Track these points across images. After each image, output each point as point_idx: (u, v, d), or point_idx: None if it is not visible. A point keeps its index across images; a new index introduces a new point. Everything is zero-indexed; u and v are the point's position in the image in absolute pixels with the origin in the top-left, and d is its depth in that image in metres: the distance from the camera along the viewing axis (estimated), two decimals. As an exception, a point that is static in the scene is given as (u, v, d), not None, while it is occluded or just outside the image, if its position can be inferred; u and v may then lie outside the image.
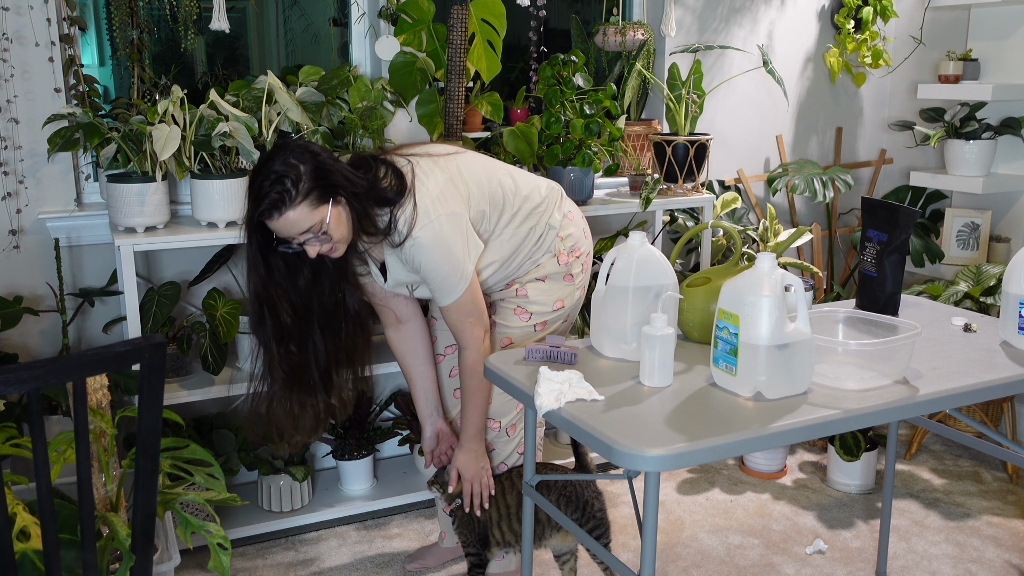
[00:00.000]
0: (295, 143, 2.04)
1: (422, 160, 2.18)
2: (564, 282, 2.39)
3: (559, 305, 2.39)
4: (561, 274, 2.39)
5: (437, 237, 2.10)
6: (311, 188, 1.96)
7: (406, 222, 2.09)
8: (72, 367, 1.37)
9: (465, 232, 2.16)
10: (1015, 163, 3.50)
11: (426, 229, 2.09)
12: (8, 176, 2.66)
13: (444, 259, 2.13)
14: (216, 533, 1.87)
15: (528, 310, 2.37)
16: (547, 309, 2.38)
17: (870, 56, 3.59)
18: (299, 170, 1.96)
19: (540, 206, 2.34)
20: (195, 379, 2.75)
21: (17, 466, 2.74)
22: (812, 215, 3.88)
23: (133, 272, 2.48)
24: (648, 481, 1.55)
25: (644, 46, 3.28)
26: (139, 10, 2.78)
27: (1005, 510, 3.02)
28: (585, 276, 2.44)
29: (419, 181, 2.13)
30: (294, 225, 1.97)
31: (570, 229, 2.41)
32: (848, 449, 3.06)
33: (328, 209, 1.99)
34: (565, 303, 2.40)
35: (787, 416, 1.63)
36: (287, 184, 1.94)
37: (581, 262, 2.42)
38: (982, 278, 3.18)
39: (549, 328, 2.39)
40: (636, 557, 2.72)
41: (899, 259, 2.18)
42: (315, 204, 1.97)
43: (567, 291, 2.40)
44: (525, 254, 2.34)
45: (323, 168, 2.00)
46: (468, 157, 2.29)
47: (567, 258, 2.39)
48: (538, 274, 2.37)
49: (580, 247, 2.42)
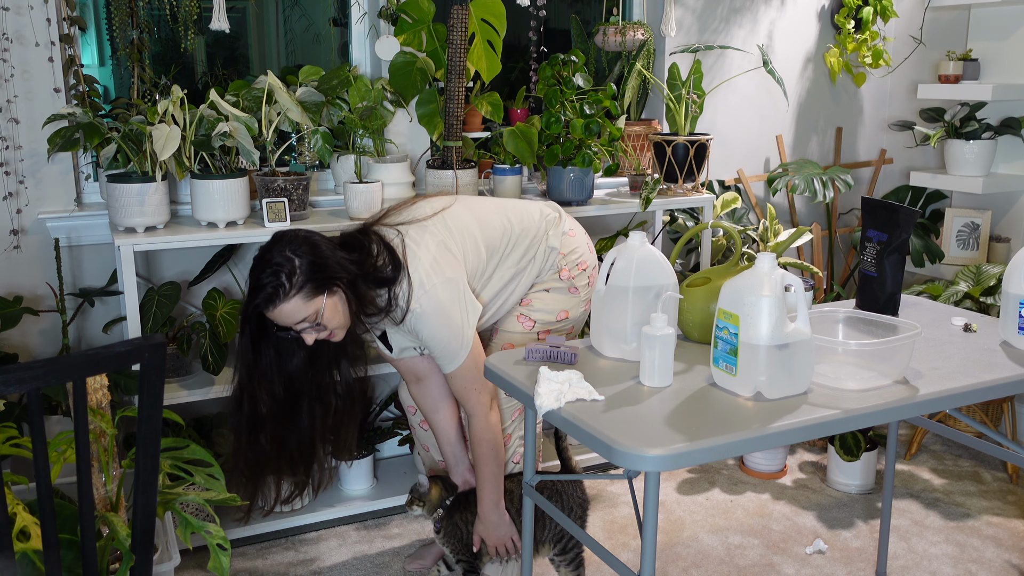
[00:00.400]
0: (294, 234, 2.06)
1: (411, 229, 2.19)
2: (569, 294, 2.42)
3: (563, 316, 2.42)
4: (565, 287, 2.42)
5: (434, 306, 2.13)
6: (305, 281, 2.00)
7: (404, 298, 2.12)
8: (72, 367, 1.37)
9: (462, 297, 2.17)
10: (1015, 163, 3.50)
11: (423, 300, 2.12)
12: (8, 176, 2.66)
13: (443, 327, 2.15)
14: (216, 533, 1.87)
15: (531, 318, 2.39)
16: (551, 318, 2.40)
17: (870, 56, 3.59)
18: (294, 264, 1.99)
19: (538, 235, 2.37)
20: (195, 379, 2.75)
21: (17, 466, 2.74)
22: (812, 215, 3.88)
23: (133, 272, 2.48)
24: (648, 481, 1.55)
25: (644, 46, 3.27)
26: (139, 10, 2.78)
27: (1005, 510, 3.02)
28: (590, 290, 2.45)
29: (410, 252, 2.15)
30: (289, 316, 2.01)
31: (573, 245, 2.43)
32: (848, 449, 3.06)
33: (323, 300, 2.02)
34: (569, 314, 2.42)
35: (787, 416, 1.63)
36: (282, 278, 1.98)
37: (587, 275, 2.44)
38: (982, 278, 3.18)
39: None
40: (636, 557, 2.72)
41: (899, 259, 2.18)
42: (310, 296, 2.00)
43: (571, 303, 2.42)
44: (527, 280, 2.37)
45: (318, 261, 2.02)
46: (456, 211, 2.29)
47: (569, 272, 2.41)
48: (542, 287, 2.41)
49: (585, 261, 2.45)
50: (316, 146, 2.74)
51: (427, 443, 2.61)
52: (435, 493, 2.40)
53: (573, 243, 2.43)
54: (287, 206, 2.63)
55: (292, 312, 2.00)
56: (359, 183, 2.71)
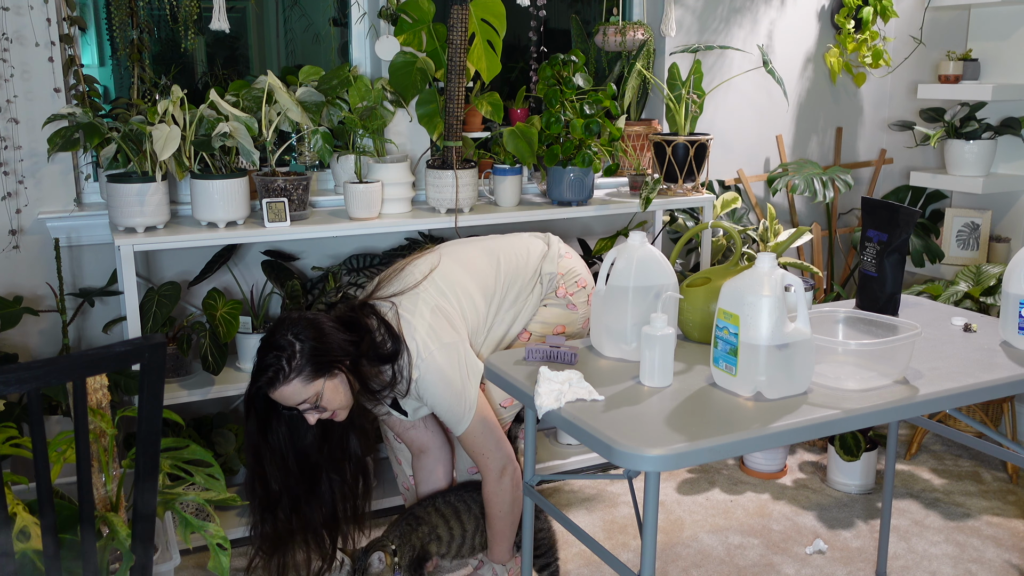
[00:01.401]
0: (299, 317, 2.10)
1: (403, 299, 2.22)
2: (567, 310, 2.46)
3: (560, 330, 2.45)
4: (563, 303, 2.45)
5: (434, 372, 2.16)
6: (305, 365, 2.04)
7: (407, 369, 2.16)
8: (72, 367, 1.37)
9: (462, 360, 2.20)
10: (1015, 163, 3.50)
11: (422, 367, 2.16)
12: (8, 176, 2.66)
13: (445, 391, 2.18)
14: (216, 533, 1.87)
15: (528, 329, 2.43)
16: (547, 331, 2.44)
17: (870, 56, 3.59)
18: (295, 348, 2.04)
19: (529, 271, 2.41)
20: (195, 379, 2.75)
21: (17, 466, 2.74)
22: (812, 215, 3.88)
23: (133, 272, 2.48)
24: (648, 481, 1.55)
25: (644, 46, 3.27)
26: (139, 10, 2.78)
27: (1005, 510, 3.02)
28: (588, 309, 2.48)
29: (405, 323, 2.18)
30: (290, 398, 2.05)
31: (569, 266, 2.48)
32: (848, 449, 3.06)
33: (323, 383, 2.06)
34: (566, 329, 2.46)
35: (787, 416, 1.63)
36: (283, 361, 2.03)
37: (586, 293, 2.48)
38: (982, 278, 3.18)
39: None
40: (636, 557, 2.72)
41: (899, 259, 2.18)
42: (309, 379, 2.04)
43: (569, 318, 2.46)
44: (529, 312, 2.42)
45: (320, 347, 2.06)
46: (444, 269, 2.30)
47: (566, 290, 2.45)
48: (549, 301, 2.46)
49: (583, 279, 2.49)
50: (316, 146, 2.74)
51: (400, 457, 2.63)
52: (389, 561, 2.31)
53: (569, 264, 2.48)
54: (287, 206, 2.63)
55: (293, 394, 2.04)
56: (359, 183, 2.71)
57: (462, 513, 2.40)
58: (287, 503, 2.18)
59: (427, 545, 2.37)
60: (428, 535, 2.37)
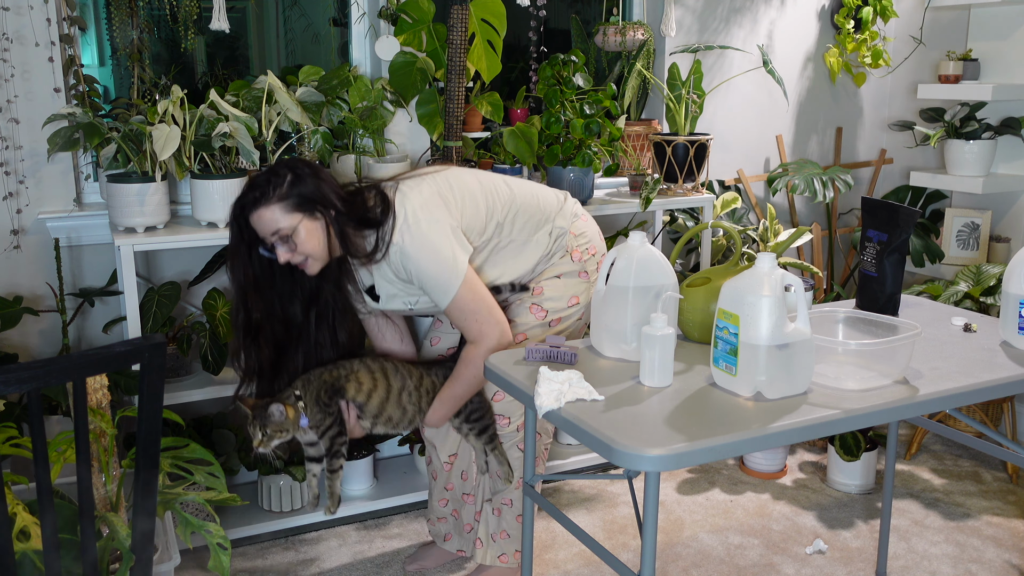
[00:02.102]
0: (305, 159, 2.15)
1: (408, 180, 2.24)
2: (579, 279, 2.42)
3: (574, 302, 2.41)
4: (576, 271, 2.41)
5: (420, 239, 2.14)
6: (289, 195, 2.08)
7: (388, 234, 2.15)
8: (72, 367, 1.37)
9: (450, 234, 2.18)
10: (1015, 163, 3.50)
11: (407, 234, 2.14)
12: (8, 176, 2.66)
13: (431, 258, 2.15)
14: (216, 533, 1.87)
15: (544, 307, 2.39)
16: (562, 305, 2.40)
17: (870, 56, 3.59)
18: (287, 177, 2.09)
19: (543, 212, 2.37)
20: (195, 379, 2.75)
21: (17, 466, 2.74)
22: (812, 215, 3.88)
23: (133, 272, 2.48)
24: (648, 481, 1.54)
25: (644, 46, 3.27)
26: (139, 10, 2.78)
27: (1005, 510, 3.02)
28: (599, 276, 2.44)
29: (401, 195, 2.18)
30: (266, 224, 2.08)
31: (583, 228, 2.44)
32: (848, 449, 3.06)
33: (301, 220, 2.08)
34: (580, 300, 2.42)
35: (787, 416, 1.63)
36: (270, 185, 2.08)
37: (596, 260, 2.44)
38: (982, 278, 3.18)
39: (564, 324, 2.41)
40: (636, 557, 2.72)
41: (899, 259, 2.18)
42: (290, 210, 2.08)
43: (581, 288, 2.42)
44: (533, 256, 2.36)
45: (311, 184, 2.10)
46: (457, 170, 2.32)
47: (581, 255, 2.41)
48: (553, 273, 2.40)
49: (595, 246, 2.45)
50: (316, 146, 2.74)
51: (435, 440, 2.61)
52: (291, 413, 2.21)
53: (584, 226, 2.44)
54: (287, 206, 2.63)
55: (270, 220, 2.07)
56: (359, 183, 2.71)
57: (390, 373, 2.29)
58: (268, 337, 2.23)
59: (342, 383, 2.25)
60: (345, 377, 2.26)
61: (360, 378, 2.26)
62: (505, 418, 2.43)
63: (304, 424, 2.21)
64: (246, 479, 3.03)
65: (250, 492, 2.95)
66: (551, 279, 2.40)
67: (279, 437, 2.18)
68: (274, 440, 2.18)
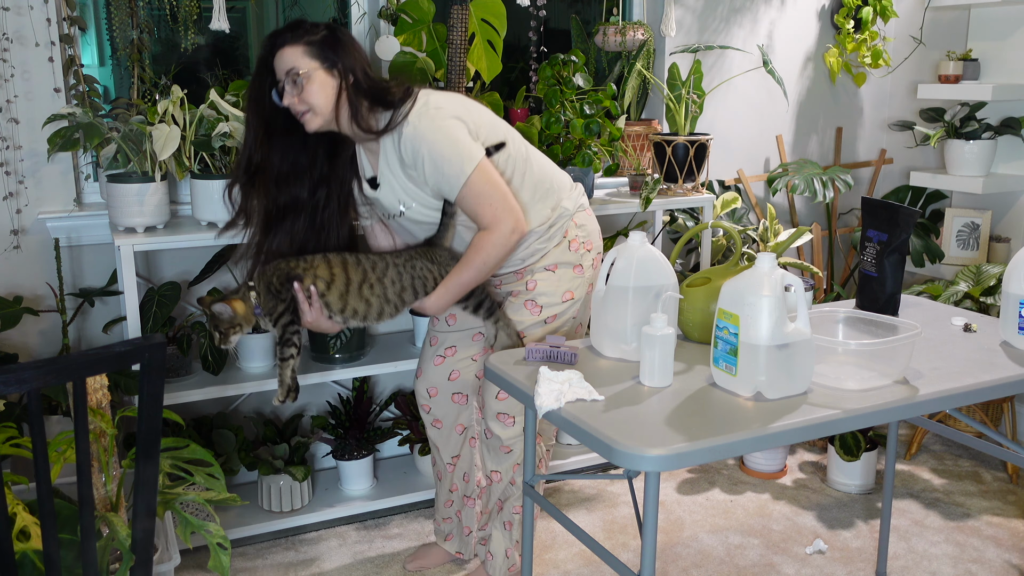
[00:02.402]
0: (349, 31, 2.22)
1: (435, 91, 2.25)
2: (574, 273, 2.38)
3: (568, 297, 2.38)
4: (571, 264, 2.37)
5: (438, 122, 2.12)
6: (315, 42, 2.11)
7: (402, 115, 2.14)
8: (72, 367, 1.37)
9: (467, 131, 2.15)
10: (1015, 163, 3.50)
11: (424, 118, 2.12)
12: (8, 176, 2.66)
13: (446, 141, 2.11)
14: (216, 533, 1.87)
15: (538, 303, 2.35)
16: (556, 300, 2.36)
17: (870, 56, 3.59)
18: (322, 30, 2.13)
19: (551, 184, 2.33)
20: (195, 379, 2.75)
21: (17, 466, 2.74)
22: (812, 215, 3.88)
23: (133, 272, 2.48)
24: (648, 481, 1.55)
25: (644, 46, 3.27)
26: (139, 10, 2.78)
27: (1005, 510, 3.02)
28: (595, 273, 2.41)
29: (426, 92, 2.19)
30: (285, 62, 2.11)
31: (585, 220, 2.40)
32: (848, 449, 3.06)
33: (318, 68, 2.11)
34: (575, 295, 2.39)
35: (787, 416, 1.63)
36: (303, 28, 2.13)
37: (592, 256, 2.41)
38: (982, 278, 3.18)
39: (560, 320, 2.38)
40: (636, 557, 2.72)
41: (899, 259, 2.18)
42: (311, 56, 2.11)
43: (576, 282, 2.38)
44: (537, 234, 2.31)
45: (342, 45, 2.14)
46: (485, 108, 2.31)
47: (578, 247, 2.38)
48: (548, 262, 2.35)
49: (593, 241, 2.42)
50: (316, 146, 2.74)
51: (438, 442, 2.61)
52: (240, 307, 2.21)
53: (586, 219, 2.41)
54: (287, 206, 2.63)
55: (289, 58, 2.10)
56: (359, 183, 2.71)
57: (351, 266, 2.23)
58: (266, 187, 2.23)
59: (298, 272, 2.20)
60: (303, 269, 2.20)
61: (318, 271, 2.21)
62: (511, 417, 2.41)
63: (257, 312, 2.23)
64: (246, 479, 3.03)
65: (250, 492, 2.95)
66: (545, 272, 2.35)
67: (235, 333, 2.21)
68: (231, 336, 2.21)
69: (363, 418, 3.00)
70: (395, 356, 2.92)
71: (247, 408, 3.04)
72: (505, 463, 2.44)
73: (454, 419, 2.55)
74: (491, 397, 2.40)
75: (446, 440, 2.59)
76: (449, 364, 2.51)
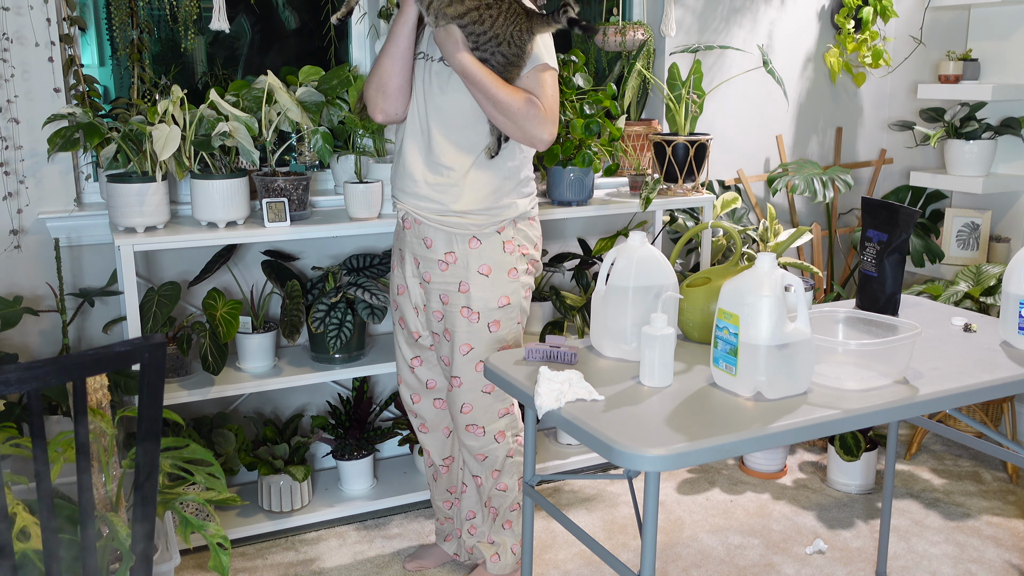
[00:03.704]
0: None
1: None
2: (508, 277, 2.36)
3: (504, 302, 2.36)
4: (505, 268, 2.35)
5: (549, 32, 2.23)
6: None
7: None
8: (72, 367, 1.37)
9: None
10: (1015, 163, 3.50)
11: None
12: (8, 176, 2.66)
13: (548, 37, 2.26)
14: (216, 533, 1.88)
15: (473, 309, 2.33)
16: (492, 306, 2.35)
17: (870, 56, 3.59)
18: None
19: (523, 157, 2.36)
20: (195, 379, 2.75)
21: (17, 466, 2.73)
22: (812, 215, 3.88)
23: (133, 272, 2.48)
24: (648, 481, 1.55)
25: (644, 46, 3.27)
26: (139, 10, 2.78)
27: (1005, 510, 3.02)
28: (528, 280, 2.42)
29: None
30: None
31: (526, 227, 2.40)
32: (848, 449, 3.06)
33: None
34: (510, 300, 2.37)
35: (787, 416, 1.63)
36: None
37: (527, 261, 2.40)
38: (982, 278, 3.18)
39: (503, 328, 2.37)
40: (636, 557, 2.72)
41: (899, 259, 2.18)
42: None
43: (511, 287, 2.37)
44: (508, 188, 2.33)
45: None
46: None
47: (514, 248, 2.36)
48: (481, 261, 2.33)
49: (528, 247, 2.41)
50: (316, 146, 2.74)
51: (427, 445, 2.61)
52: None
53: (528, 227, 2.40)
54: (287, 206, 2.63)
55: None
56: (359, 183, 2.71)
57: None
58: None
59: None
60: None
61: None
62: (479, 427, 2.42)
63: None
64: (246, 479, 3.03)
65: (250, 492, 2.95)
66: (478, 276, 2.33)
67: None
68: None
69: (363, 418, 3.00)
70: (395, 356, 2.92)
71: (247, 408, 3.04)
72: (484, 469, 2.46)
73: (439, 423, 2.57)
74: (456, 411, 2.41)
75: (434, 443, 2.60)
76: (421, 373, 2.52)
